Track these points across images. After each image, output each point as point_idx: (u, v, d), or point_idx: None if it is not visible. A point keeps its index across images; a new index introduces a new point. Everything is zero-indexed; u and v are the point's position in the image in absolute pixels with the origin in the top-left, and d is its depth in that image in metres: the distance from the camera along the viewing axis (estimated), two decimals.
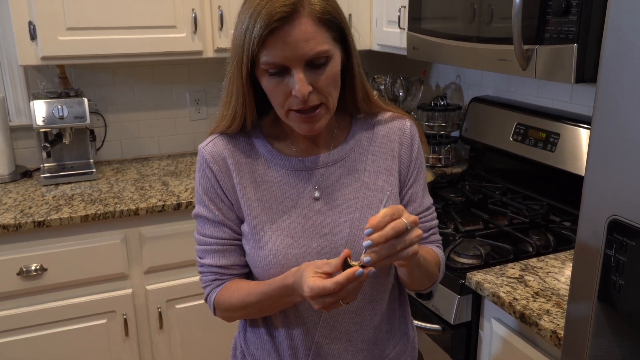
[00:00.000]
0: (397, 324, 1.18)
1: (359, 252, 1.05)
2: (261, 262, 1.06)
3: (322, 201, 1.08)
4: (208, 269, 1.11)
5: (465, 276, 1.48)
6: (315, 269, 0.93)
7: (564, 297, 1.34)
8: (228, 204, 1.09)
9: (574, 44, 1.38)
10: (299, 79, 0.95)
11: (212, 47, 2.29)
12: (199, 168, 1.10)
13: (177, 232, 2.11)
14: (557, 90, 2.03)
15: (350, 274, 0.88)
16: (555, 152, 1.87)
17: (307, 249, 1.05)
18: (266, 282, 1.04)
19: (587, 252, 0.95)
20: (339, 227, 1.07)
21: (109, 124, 2.57)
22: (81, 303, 2.04)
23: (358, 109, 1.12)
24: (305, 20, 0.93)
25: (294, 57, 0.94)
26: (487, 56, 1.64)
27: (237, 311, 1.10)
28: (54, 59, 2.12)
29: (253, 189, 1.08)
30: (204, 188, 1.09)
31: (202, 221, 1.11)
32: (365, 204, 1.08)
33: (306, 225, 1.06)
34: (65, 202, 2.07)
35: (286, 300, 1.03)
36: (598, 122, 0.91)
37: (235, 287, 1.09)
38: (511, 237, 1.71)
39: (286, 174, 1.09)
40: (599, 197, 0.92)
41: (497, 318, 1.45)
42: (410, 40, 2.03)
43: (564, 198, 1.90)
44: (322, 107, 1.00)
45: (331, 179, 1.09)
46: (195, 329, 2.23)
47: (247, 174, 1.08)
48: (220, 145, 1.09)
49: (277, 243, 1.05)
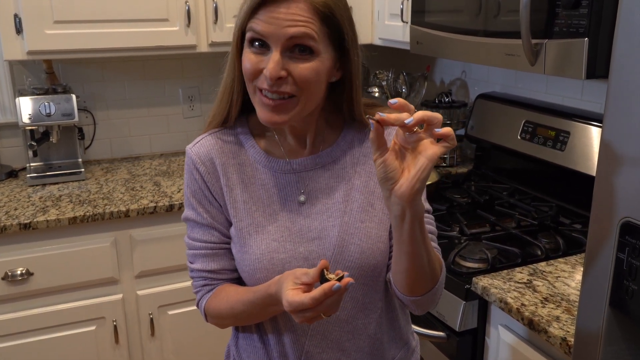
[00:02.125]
0: (396, 332, 1.18)
1: (348, 259, 1.05)
2: (247, 266, 1.06)
3: (309, 205, 1.08)
4: (198, 274, 1.12)
5: (471, 281, 1.48)
6: (295, 279, 0.92)
7: (575, 302, 1.34)
8: (217, 206, 1.09)
9: (585, 38, 1.38)
10: (273, 59, 0.95)
11: (206, 41, 2.29)
12: (186, 170, 1.11)
13: (170, 234, 2.11)
14: (567, 87, 2.03)
15: (327, 289, 0.87)
16: (565, 151, 1.87)
17: (294, 253, 1.05)
18: (252, 290, 1.04)
19: (598, 256, 0.95)
20: (327, 231, 1.06)
21: (98, 121, 2.57)
22: (69, 309, 2.04)
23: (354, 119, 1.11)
24: (302, 6, 0.94)
25: (275, 34, 0.94)
26: (494, 51, 1.64)
27: (226, 319, 1.11)
28: (40, 54, 2.12)
29: (240, 191, 1.08)
30: (192, 190, 1.10)
31: (192, 225, 1.12)
32: (355, 207, 1.08)
33: (293, 230, 1.07)
34: (52, 203, 2.07)
35: (272, 310, 1.03)
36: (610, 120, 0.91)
37: (224, 295, 1.09)
38: (519, 240, 1.71)
39: (274, 176, 1.09)
40: (610, 198, 0.92)
41: (504, 325, 1.45)
42: (414, 34, 2.03)
43: (574, 199, 1.90)
44: (292, 99, 0.98)
45: (319, 182, 1.09)
46: (188, 336, 2.23)
47: (235, 175, 1.09)
48: (208, 146, 1.10)
49: (262, 247, 1.05)
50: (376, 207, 1.09)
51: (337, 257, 1.05)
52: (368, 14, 2.42)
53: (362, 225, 1.07)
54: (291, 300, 0.89)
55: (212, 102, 1.12)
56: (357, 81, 1.05)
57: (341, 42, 1.00)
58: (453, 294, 1.52)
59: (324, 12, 0.95)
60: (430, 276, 1.06)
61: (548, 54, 1.47)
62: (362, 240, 1.06)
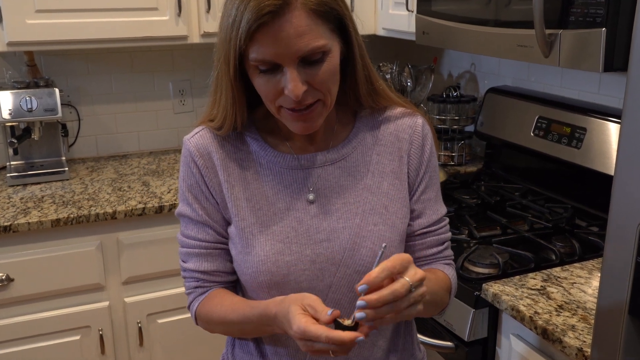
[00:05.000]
0: (400, 342, 1.18)
1: (358, 263, 1.05)
2: (249, 268, 1.06)
3: (318, 204, 1.08)
4: (191, 274, 1.12)
5: (481, 287, 1.48)
6: (302, 305, 0.92)
7: (591, 310, 1.34)
8: (213, 202, 1.09)
9: (602, 28, 1.38)
10: (292, 78, 0.95)
11: (198, 32, 2.29)
12: (183, 162, 1.11)
13: (159, 238, 2.11)
14: (583, 80, 2.03)
15: (347, 339, 0.87)
16: (582, 149, 1.87)
17: (300, 256, 1.05)
18: (250, 304, 1.04)
19: (616, 261, 0.95)
20: (336, 233, 1.07)
21: (82, 117, 2.57)
22: (52, 317, 2.04)
23: (361, 104, 1.11)
24: (299, 14, 0.93)
25: (285, 55, 0.94)
26: (505, 42, 1.64)
27: (217, 326, 1.12)
28: (21, 45, 2.12)
29: (242, 188, 1.08)
30: (187, 184, 1.10)
31: (186, 221, 1.12)
32: (367, 208, 1.08)
33: (300, 230, 1.06)
34: (34, 204, 2.07)
35: (266, 330, 1.04)
36: (629, 116, 0.91)
37: (218, 301, 1.09)
38: (532, 243, 1.71)
39: (279, 172, 1.09)
40: (630, 199, 0.92)
41: (516, 334, 1.45)
42: (420, 24, 2.03)
43: (591, 200, 1.90)
44: (318, 103, 1.00)
45: (329, 180, 1.09)
46: (179, 346, 2.23)
47: (236, 170, 1.08)
48: (208, 138, 1.09)
49: (266, 248, 1.05)
50: (390, 209, 1.09)
51: (346, 261, 1.06)
52: (371, 2, 2.42)
53: (375, 229, 1.07)
54: (305, 328, 0.89)
55: (204, 97, 1.12)
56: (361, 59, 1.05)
57: (341, 25, 1.00)
58: (462, 301, 1.52)
59: (322, 11, 0.95)
60: (436, 308, 1.10)
61: (563, 45, 1.47)
62: (375, 244, 1.06)
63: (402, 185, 1.11)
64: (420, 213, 1.13)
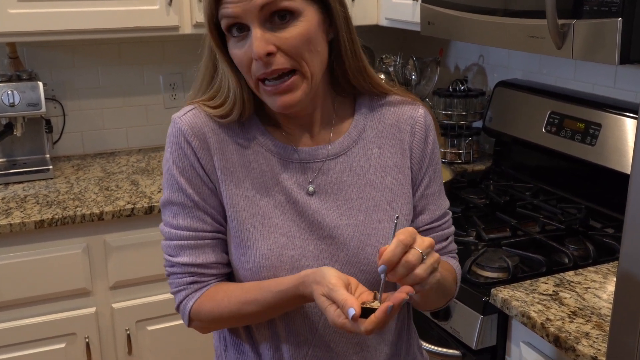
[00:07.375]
0: (403, 347, 1.18)
1: (363, 263, 1.06)
2: (250, 263, 1.05)
3: (320, 199, 1.08)
4: (183, 269, 1.08)
5: (490, 293, 1.48)
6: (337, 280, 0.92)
7: (606, 317, 1.34)
8: (211, 187, 1.07)
9: (618, 18, 1.37)
10: (255, 36, 0.96)
11: (190, 22, 2.29)
12: (172, 143, 1.07)
13: (149, 240, 2.11)
14: (598, 73, 2.03)
15: (380, 316, 0.87)
16: (596, 145, 1.87)
17: (304, 251, 1.05)
18: (268, 290, 1.02)
19: (633, 264, 0.95)
20: (340, 230, 1.07)
21: (68, 112, 2.57)
22: (35, 324, 2.04)
23: (354, 86, 1.11)
24: None
25: (247, 10, 0.95)
26: (516, 32, 1.64)
27: (224, 322, 1.09)
28: (2, 36, 2.11)
29: (240, 176, 1.07)
30: (179, 167, 1.06)
31: (175, 210, 1.08)
32: (370, 205, 1.09)
33: (302, 224, 1.07)
34: (16, 204, 2.07)
35: (290, 309, 1.04)
36: None
37: (223, 295, 1.06)
38: (544, 246, 1.71)
39: (280, 162, 1.09)
40: None
41: (526, 342, 1.45)
42: (425, 14, 2.03)
43: (606, 200, 1.90)
44: (296, 75, 0.99)
45: (330, 175, 1.09)
46: (170, 354, 2.23)
47: (234, 156, 1.07)
48: (202, 118, 1.07)
49: (270, 242, 1.05)
50: (394, 205, 1.10)
51: (351, 259, 1.06)
52: None
53: (380, 226, 1.08)
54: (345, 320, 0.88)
55: None
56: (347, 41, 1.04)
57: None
58: (469, 307, 1.52)
59: None
60: (444, 296, 1.11)
61: (576, 36, 1.47)
62: (381, 243, 1.06)
63: (406, 180, 1.12)
64: (423, 209, 1.14)
